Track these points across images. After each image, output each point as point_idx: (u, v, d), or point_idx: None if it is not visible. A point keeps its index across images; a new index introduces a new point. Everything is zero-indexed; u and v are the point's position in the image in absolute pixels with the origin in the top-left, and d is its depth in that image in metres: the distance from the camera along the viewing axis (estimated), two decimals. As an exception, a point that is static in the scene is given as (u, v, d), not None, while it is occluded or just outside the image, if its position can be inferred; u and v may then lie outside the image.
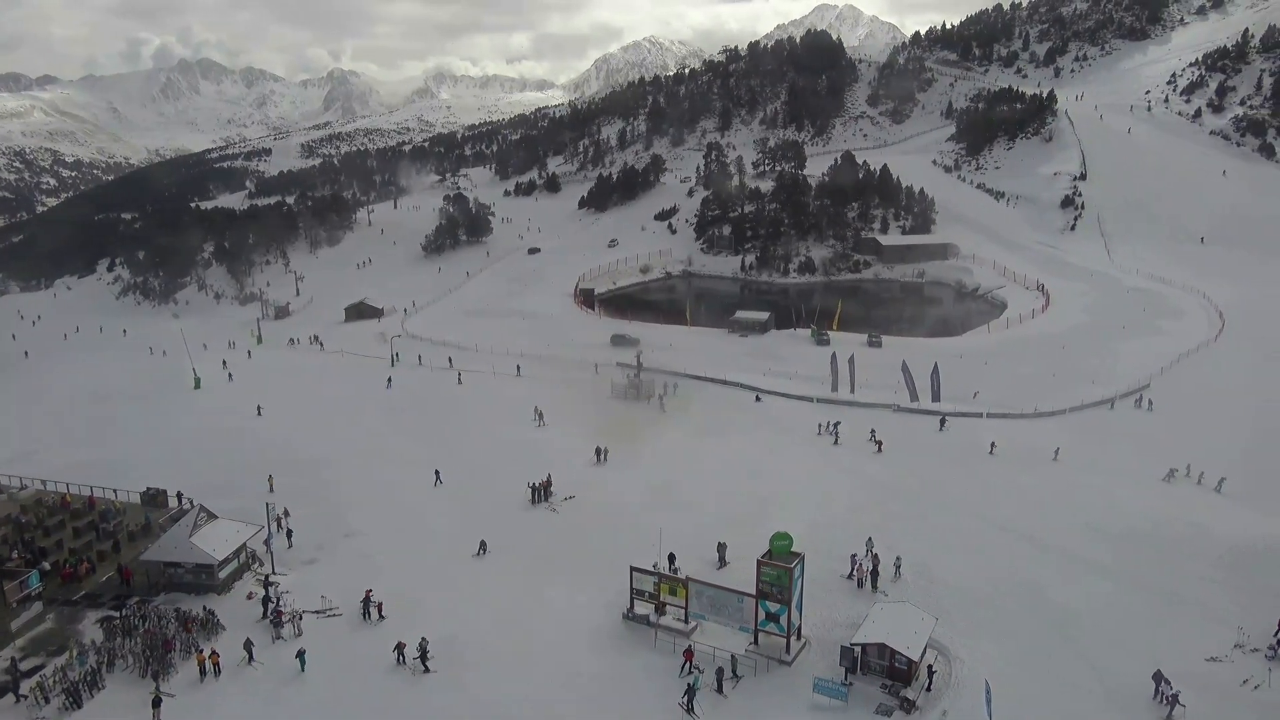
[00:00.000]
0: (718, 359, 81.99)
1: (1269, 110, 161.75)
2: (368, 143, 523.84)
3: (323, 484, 53.27)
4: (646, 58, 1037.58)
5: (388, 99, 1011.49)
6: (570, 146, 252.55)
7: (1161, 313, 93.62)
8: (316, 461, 56.98)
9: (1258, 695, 31.87)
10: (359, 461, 57.12)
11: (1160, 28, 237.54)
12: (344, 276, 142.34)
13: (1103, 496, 48.14)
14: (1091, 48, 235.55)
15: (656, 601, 37.39)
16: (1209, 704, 30.80)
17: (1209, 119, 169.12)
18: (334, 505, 50.21)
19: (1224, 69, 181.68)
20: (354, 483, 53.50)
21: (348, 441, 61.07)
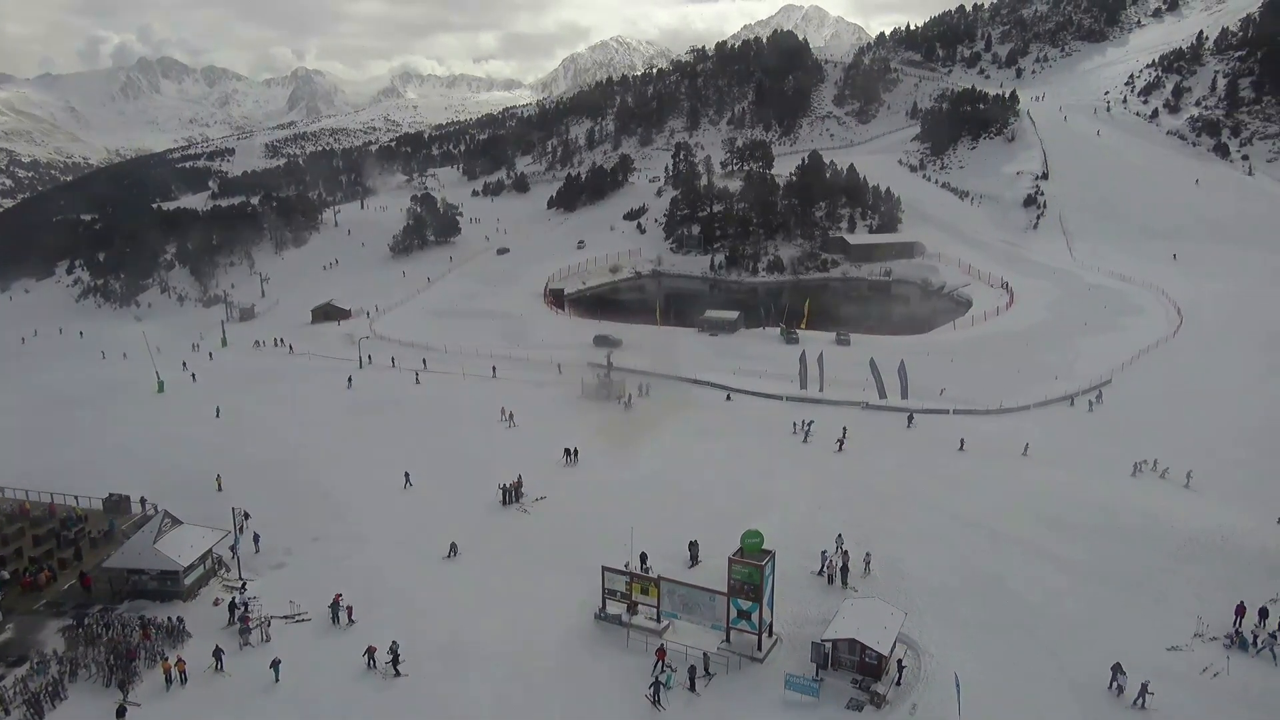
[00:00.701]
0: (688, 358, 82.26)
1: (1223, 111, 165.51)
2: (333, 142, 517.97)
3: (290, 487, 52.67)
4: (614, 57, 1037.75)
5: (353, 98, 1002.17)
6: (538, 146, 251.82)
7: (1122, 309, 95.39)
8: (284, 464, 56.32)
9: (1217, 683, 32.62)
10: (327, 464, 56.54)
11: (1118, 30, 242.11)
12: (310, 278, 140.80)
13: (1066, 490, 48.96)
14: (1052, 49, 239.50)
15: (629, 601, 37.46)
16: (1171, 693, 31.46)
17: (1166, 119, 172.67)
18: (302, 508, 49.67)
19: (1180, 70, 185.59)
20: (322, 486, 52.97)
21: (315, 444, 60.43)
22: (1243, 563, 40.54)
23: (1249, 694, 31.99)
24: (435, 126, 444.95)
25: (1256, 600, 36.51)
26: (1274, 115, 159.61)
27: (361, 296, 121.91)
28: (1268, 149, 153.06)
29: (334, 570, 42.04)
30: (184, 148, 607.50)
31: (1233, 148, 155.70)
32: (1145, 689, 31.18)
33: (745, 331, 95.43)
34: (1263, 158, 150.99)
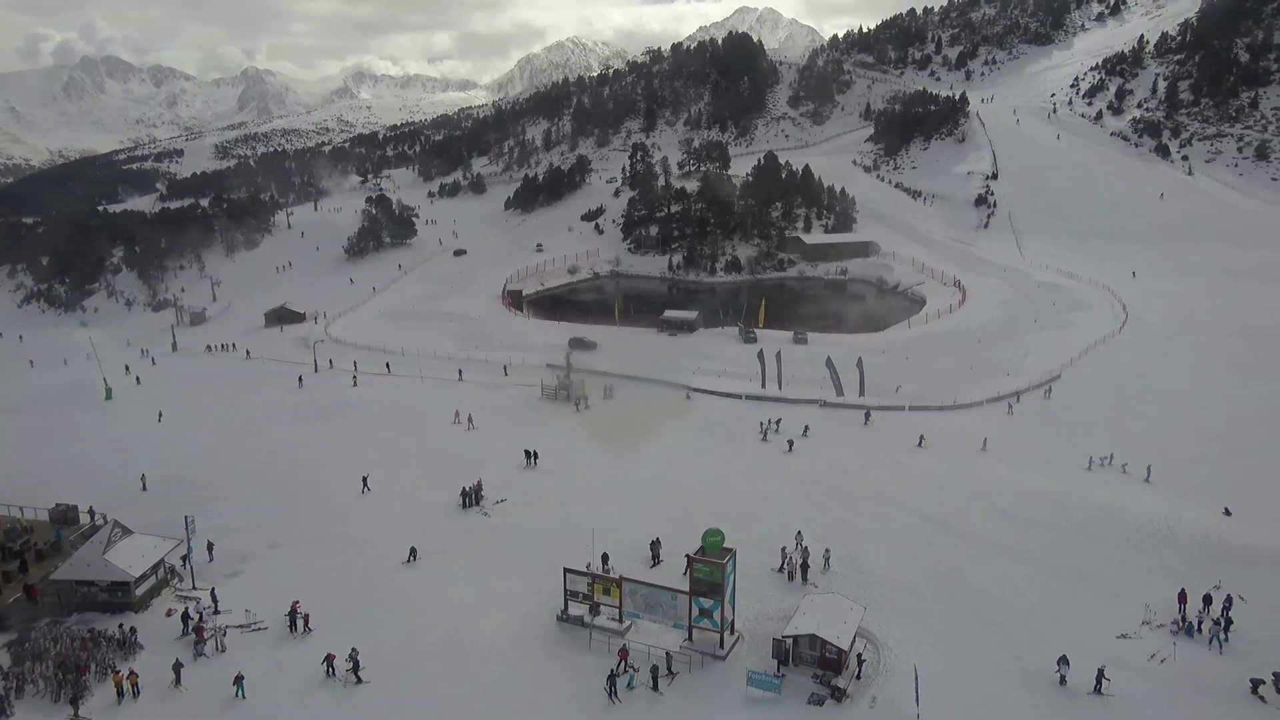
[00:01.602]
0: (647, 358, 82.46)
1: (1163, 113, 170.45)
2: (285, 143, 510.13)
3: (245, 494, 51.79)
4: (570, 58, 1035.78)
5: (306, 98, 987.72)
6: (495, 147, 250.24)
7: (1070, 306, 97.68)
8: (239, 471, 55.32)
9: (1165, 669, 33.62)
10: (283, 470, 55.64)
11: (1063, 33, 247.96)
12: (263, 281, 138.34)
13: (1019, 484, 50.05)
14: (1000, 52, 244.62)
15: (591, 602, 37.48)
16: (1123, 679, 32.33)
17: (1110, 120, 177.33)
18: (258, 515, 48.86)
19: (1122, 73, 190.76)
20: (279, 492, 52.13)
21: (272, 450, 59.41)
22: (1188, 551, 41.83)
23: (1195, 678, 33.00)
24: (390, 127, 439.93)
25: (1201, 587, 37.70)
26: (1211, 117, 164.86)
27: (316, 299, 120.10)
28: (1205, 149, 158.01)
29: (291, 578, 41.39)
30: (130, 149, 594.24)
31: (1173, 148, 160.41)
32: (1102, 675, 32.04)
33: (704, 331, 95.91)
34: (1201, 158, 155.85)
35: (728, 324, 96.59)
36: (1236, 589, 37.71)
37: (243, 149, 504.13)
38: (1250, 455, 54.16)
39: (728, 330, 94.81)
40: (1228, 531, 43.36)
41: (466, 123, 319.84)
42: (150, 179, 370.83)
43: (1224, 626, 35.31)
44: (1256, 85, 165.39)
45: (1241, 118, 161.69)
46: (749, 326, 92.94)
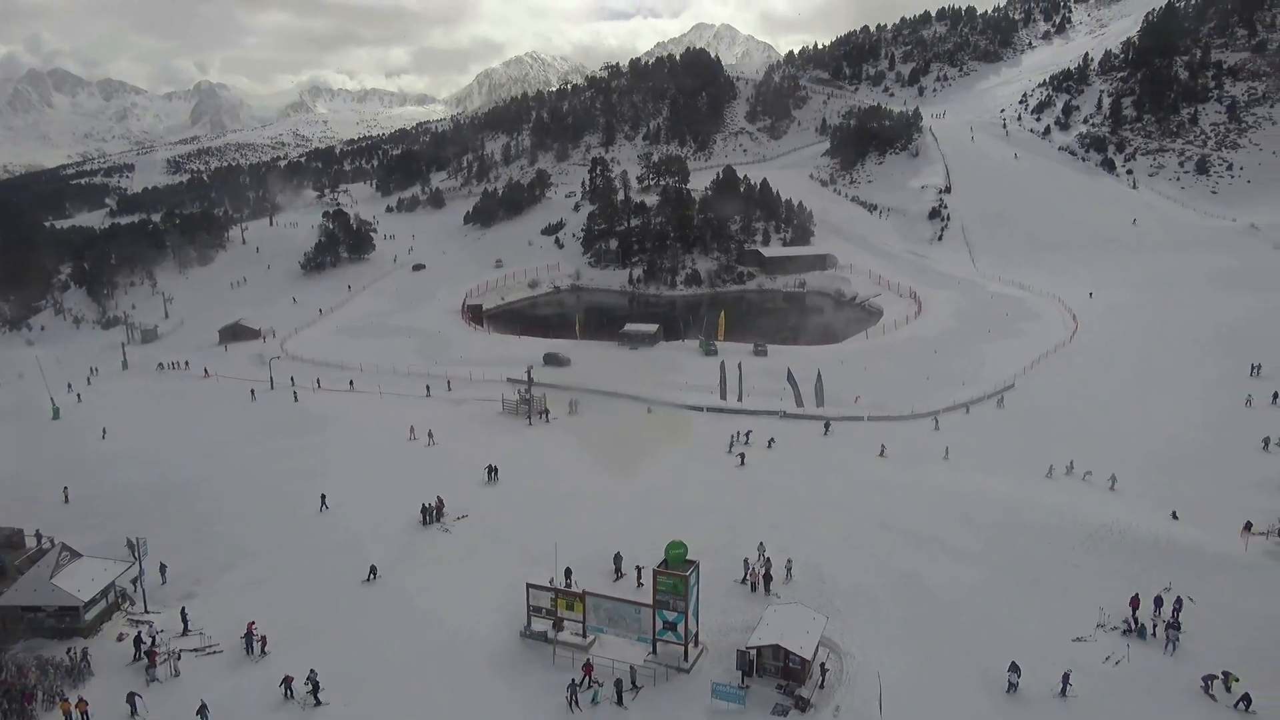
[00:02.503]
0: (609, 372, 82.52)
1: (1108, 128, 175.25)
2: (240, 158, 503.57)
3: (201, 514, 50.68)
4: (529, 73, 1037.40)
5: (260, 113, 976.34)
6: (454, 162, 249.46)
7: (1022, 316, 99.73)
8: (194, 490, 54.16)
9: (1119, 670, 34.31)
10: (239, 488, 54.60)
11: (1011, 51, 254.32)
12: (217, 297, 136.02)
13: (976, 490, 50.87)
14: (951, 68, 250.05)
15: (554, 617, 37.27)
16: (1078, 682, 32.91)
17: (1057, 136, 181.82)
18: (212, 535, 47.85)
19: (1068, 90, 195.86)
20: (234, 511, 51.11)
21: (226, 468, 58.32)
22: (1140, 554, 42.79)
23: (1149, 679, 33.71)
24: (347, 141, 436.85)
25: (1153, 589, 38.61)
26: (1153, 133, 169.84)
27: (272, 316, 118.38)
28: (1149, 164, 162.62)
29: (247, 599, 40.60)
30: (79, 163, 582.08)
31: (1118, 163, 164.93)
32: (1067, 679, 32.72)
33: (665, 344, 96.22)
34: (1145, 172, 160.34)
35: (688, 337, 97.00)
36: (1186, 590, 38.69)
37: (196, 163, 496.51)
38: (1196, 461, 55.66)
39: (689, 343, 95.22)
40: (1177, 534, 44.47)
41: (425, 137, 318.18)
42: (100, 194, 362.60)
43: (1175, 628, 36.17)
44: (1196, 102, 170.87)
45: (1182, 133, 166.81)
46: (710, 339, 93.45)
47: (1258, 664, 33.61)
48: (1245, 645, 35.24)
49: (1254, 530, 43.88)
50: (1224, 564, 41.73)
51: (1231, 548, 42.91)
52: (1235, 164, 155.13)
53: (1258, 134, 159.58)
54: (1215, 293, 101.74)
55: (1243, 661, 33.54)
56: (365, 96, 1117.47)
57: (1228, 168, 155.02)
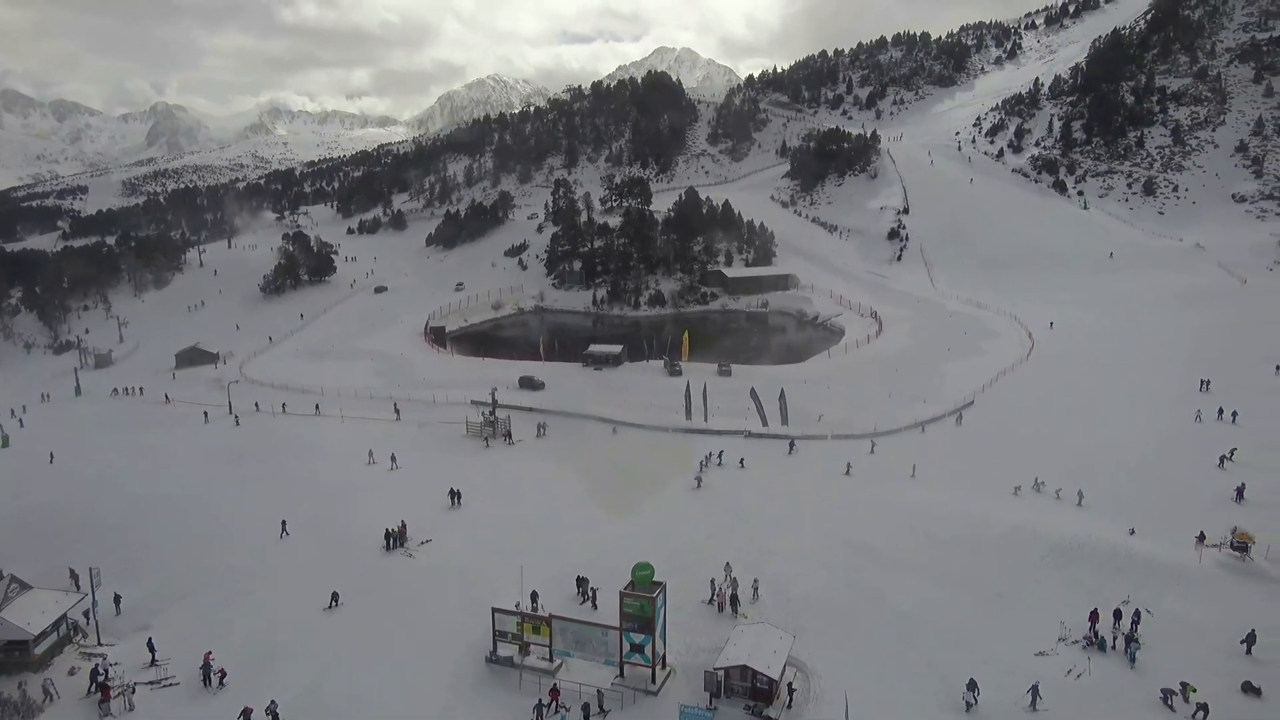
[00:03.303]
0: (574, 393, 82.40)
1: (1059, 151, 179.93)
2: (198, 180, 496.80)
3: (156, 543, 49.46)
4: (491, 95, 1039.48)
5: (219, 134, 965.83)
6: (416, 184, 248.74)
7: (980, 334, 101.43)
8: (148, 519, 52.83)
9: (1081, 683, 34.82)
10: (196, 515, 53.37)
11: (965, 75, 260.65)
12: (174, 321, 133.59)
13: (938, 507, 51.38)
14: (907, 92, 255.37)
15: (520, 642, 36.94)
16: (1042, 695, 33.35)
17: (1010, 158, 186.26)
18: (168, 565, 46.73)
19: (1020, 113, 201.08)
20: (191, 539, 49.96)
21: (182, 496, 56.97)
22: (1099, 568, 43.51)
23: (1110, 692, 34.26)
24: (307, 163, 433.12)
25: (1112, 602, 39.29)
26: (1102, 155, 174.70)
27: (230, 339, 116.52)
28: (1099, 185, 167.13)
29: (205, 629, 39.66)
30: (30, 185, 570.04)
31: (1069, 184, 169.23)
32: (1036, 691, 33.21)
33: (629, 365, 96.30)
34: (1095, 193, 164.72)
35: (653, 358, 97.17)
36: (1143, 603, 39.43)
37: (152, 185, 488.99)
38: (1151, 475, 56.88)
39: (653, 364, 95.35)
40: (1134, 547, 45.32)
41: (387, 159, 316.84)
42: (52, 216, 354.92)
43: (1133, 640, 36.80)
44: (1142, 125, 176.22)
45: (1130, 155, 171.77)
46: (674, 360, 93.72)
47: (1214, 674, 34.35)
48: (1201, 656, 35.99)
49: (1206, 542, 44.94)
50: (1180, 576, 42.61)
51: (1186, 560, 43.86)
52: (1180, 185, 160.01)
53: (1200, 157, 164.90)
54: (1164, 310, 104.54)
55: (1199, 672, 34.24)
56: (326, 118, 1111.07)
57: (1173, 189, 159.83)
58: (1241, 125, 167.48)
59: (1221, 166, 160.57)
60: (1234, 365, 78.84)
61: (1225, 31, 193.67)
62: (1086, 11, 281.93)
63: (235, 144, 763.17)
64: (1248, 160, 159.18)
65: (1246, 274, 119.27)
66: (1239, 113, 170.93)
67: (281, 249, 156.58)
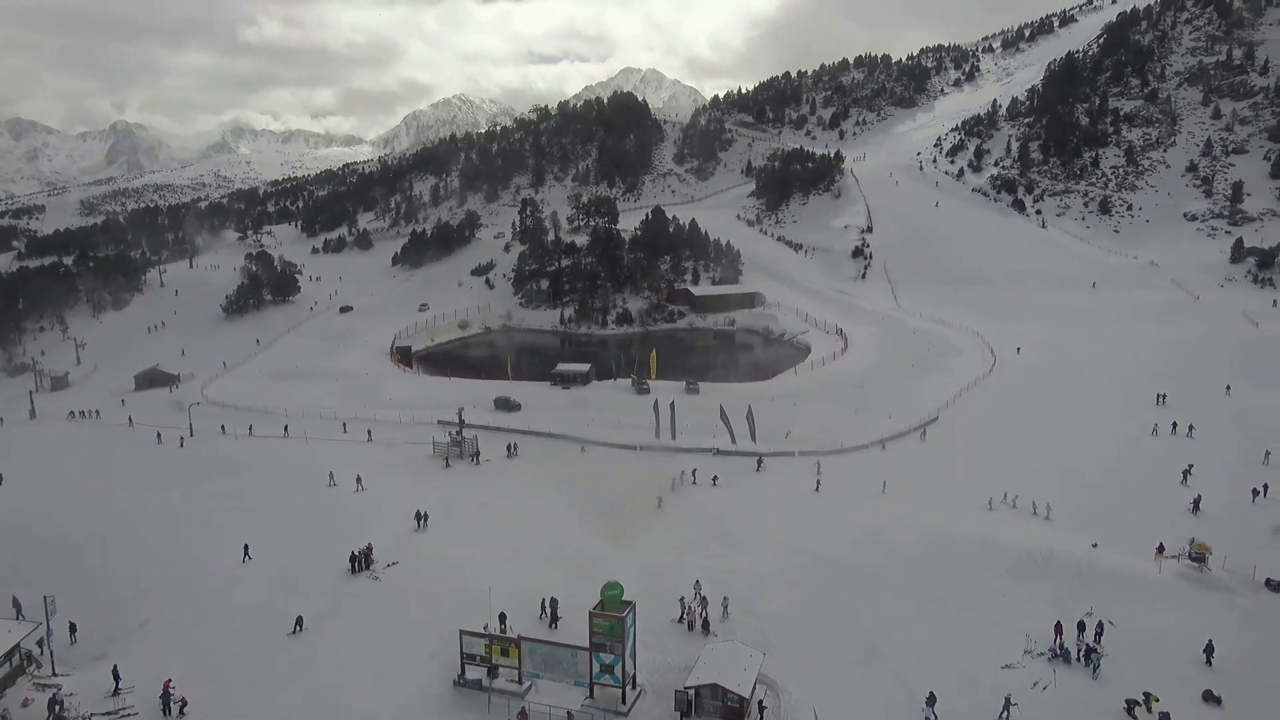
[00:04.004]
0: (542, 412, 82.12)
1: (1017, 171, 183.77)
2: (159, 199, 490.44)
3: (114, 568, 48.34)
4: (457, 115, 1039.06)
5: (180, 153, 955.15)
6: (382, 203, 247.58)
7: (944, 351, 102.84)
8: (106, 544, 51.63)
9: (1047, 695, 35.19)
10: (155, 540, 52.23)
11: (925, 97, 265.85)
12: (133, 342, 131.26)
13: (906, 522, 51.81)
14: (869, 113, 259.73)
15: (489, 664, 36.56)
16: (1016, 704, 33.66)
17: (970, 178, 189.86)
18: (127, 591, 45.66)
19: (979, 134, 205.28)
20: (150, 564, 48.84)
21: (143, 520, 55.76)
22: (1063, 580, 44.10)
23: (1075, 704, 34.64)
24: (271, 183, 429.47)
25: (1075, 614, 39.84)
26: (1059, 175, 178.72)
27: (192, 360, 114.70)
28: (1056, 204, 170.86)
29: (164, 656, 38.72)
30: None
31: (1028, 203, 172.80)
32: (1009, 702, 33.49)
33: (597, 383, 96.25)
34: (1053, 212, 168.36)
35: (621, 376, 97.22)
36: (1106, 614, 40.02)
37: (111, 205, 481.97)
38: (1112, 488, 57.97)
39: (621, 382, 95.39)
40: (1097, 559, 46.03)
41: (352, 178, 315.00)
42: (7, 236, 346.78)
43: (1096, 652, 37.32)
44: (1096, 146, 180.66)
45: (1085, 175, 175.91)
46: (642, 378, 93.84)
47: (1175, 683, 34.92)
48: (1163, 666, 36.59)
49: (1166, 553, 45.81)
50: (1141, 587, 43.33)
51: (1147, 571, 44.64)
52: (1135, 204, 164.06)
53: (1153, 176, 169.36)
54: (1121, 326, 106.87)
55: (1161, 682, 34.80)
56: (290, 137, 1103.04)
57: (1128, 208, 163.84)
58: (1191, 146, 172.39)
59: (1173, 186, 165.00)
60: (1189, 380, 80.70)
61: (1174, 55, 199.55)
62: (1041, 35, 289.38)
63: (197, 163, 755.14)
64: (1198, 180, 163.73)
65: (1199, 290, 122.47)
66: (1189, 134, 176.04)
67: (244, 269, 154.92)
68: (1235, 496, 54.77)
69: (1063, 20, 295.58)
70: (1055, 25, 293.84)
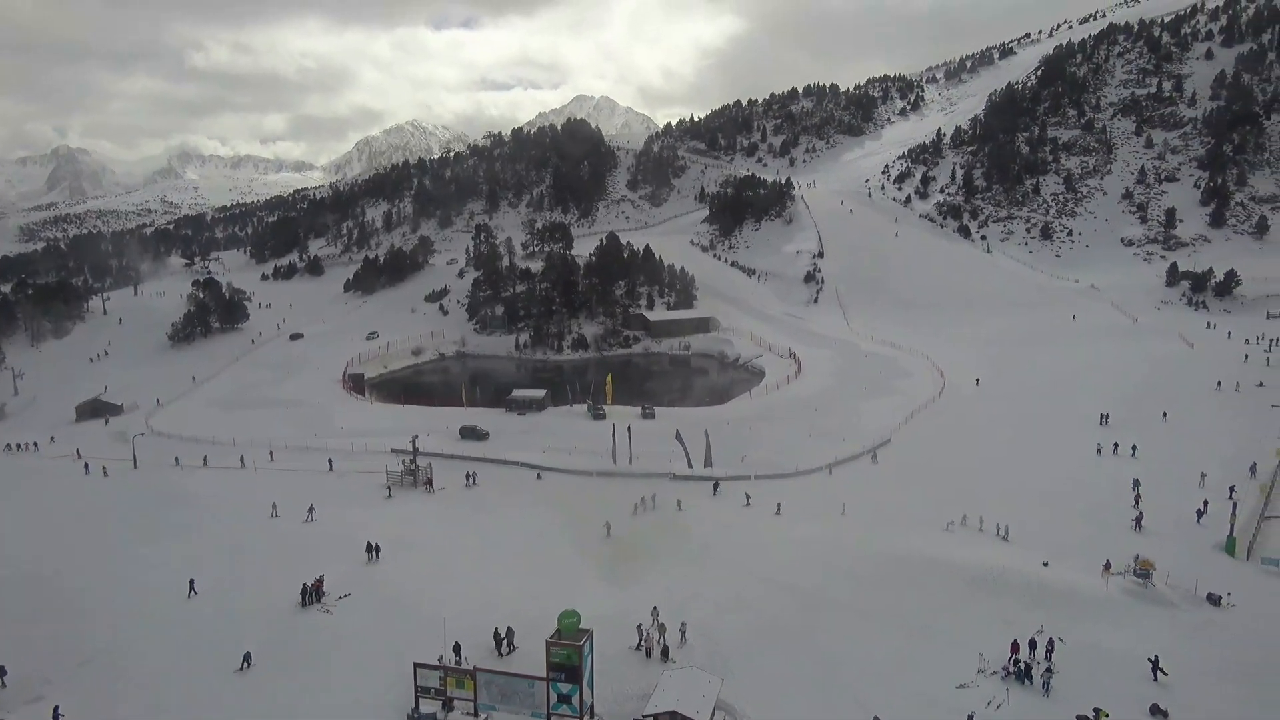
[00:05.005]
0: (497, 439, 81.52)
1: (962, 197, 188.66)
2: (102, 225, 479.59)
3: (51, 606, 46.59)
4: (410, 140, 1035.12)
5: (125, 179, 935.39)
6: (333, 228, 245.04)
7: (894, 374, 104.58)
8: (42, 581, 49.84)
9: (1000, 714, 35.62)
10: (95, 577, 50.52)
11: (873, 125, 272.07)
12: (75, 371, 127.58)
13: (861, 544, 52.25)
14: (819, 141, 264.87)
15: (444, 697, 35.95)
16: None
17: (917, 204, 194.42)
18: (64, 630, 43.99)
19: (925, 162, 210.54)
20: (89, 602, 47.20)
21: (82, 555, 54.00)
22: (1015, 598, 44.80)
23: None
24: (219, 208, 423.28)
25: (1027, 632, 40.49)
26: (1002, 201, 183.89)
27: (136, 390, 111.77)
28: (1000, 230, 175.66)
29: (105, 698, 37.40)
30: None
31: (973, 229, 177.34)
32: None
33: (553, 409, 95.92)
34: (997, 238, 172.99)
35: (576, 402, 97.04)
36: (1057, 631, 40.75)
37: (52, 231, 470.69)
38: (1059, 507, 59.24)
39: (577, 408, 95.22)
40: (1047, 577, 46.90)
41: (303, 204, 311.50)
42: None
43: (1048, 669, 37.96)
44: (1037, 174, 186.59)
45: (1027, 202, 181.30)
46: (598, 403, 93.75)
47: (1123, 698, 35.64)
48: (1111, 681, 37.31)
49: (1112, 570, 46.88)
50: (1089, 604, 44.22)
51: (1095, 588, 45.59)
52: (1074, 230, 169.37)
53: (1091, 203, 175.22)
54: (1065, 348, 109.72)
55: (1110, 697, 35.48)
56: (239, 163, 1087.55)
57: (1068, 234, 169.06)
58: (1126, 174, 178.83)
59: (1110, 212, 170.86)
60: (1130, 400, 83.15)
61: (1108, 87, 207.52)
62: (982, 67, 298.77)
63: (143, 188, 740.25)
64: (1133, 206, 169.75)
65: (1137, 313, 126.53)
66: (1124, 162, 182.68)
67: (191, 296, 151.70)
68: (1176, 514, 56.35)
69: (1002, 53, 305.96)
70: (995, 57, 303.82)
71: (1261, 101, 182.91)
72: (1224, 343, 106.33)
